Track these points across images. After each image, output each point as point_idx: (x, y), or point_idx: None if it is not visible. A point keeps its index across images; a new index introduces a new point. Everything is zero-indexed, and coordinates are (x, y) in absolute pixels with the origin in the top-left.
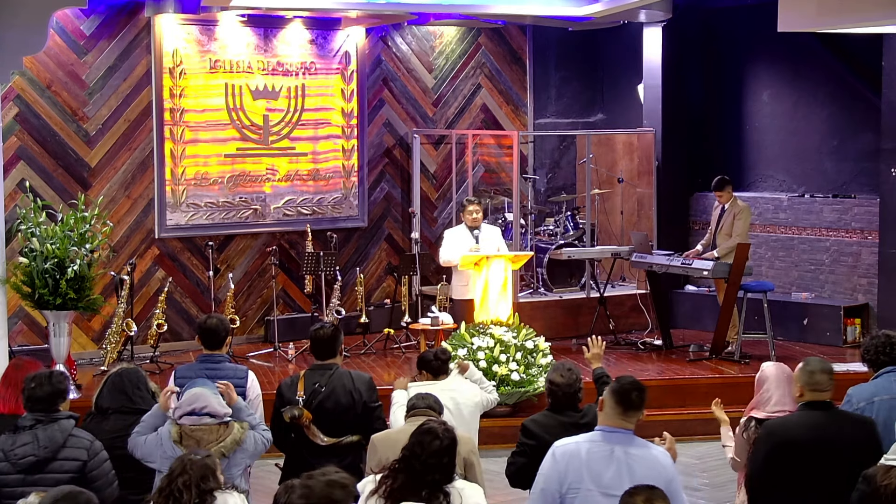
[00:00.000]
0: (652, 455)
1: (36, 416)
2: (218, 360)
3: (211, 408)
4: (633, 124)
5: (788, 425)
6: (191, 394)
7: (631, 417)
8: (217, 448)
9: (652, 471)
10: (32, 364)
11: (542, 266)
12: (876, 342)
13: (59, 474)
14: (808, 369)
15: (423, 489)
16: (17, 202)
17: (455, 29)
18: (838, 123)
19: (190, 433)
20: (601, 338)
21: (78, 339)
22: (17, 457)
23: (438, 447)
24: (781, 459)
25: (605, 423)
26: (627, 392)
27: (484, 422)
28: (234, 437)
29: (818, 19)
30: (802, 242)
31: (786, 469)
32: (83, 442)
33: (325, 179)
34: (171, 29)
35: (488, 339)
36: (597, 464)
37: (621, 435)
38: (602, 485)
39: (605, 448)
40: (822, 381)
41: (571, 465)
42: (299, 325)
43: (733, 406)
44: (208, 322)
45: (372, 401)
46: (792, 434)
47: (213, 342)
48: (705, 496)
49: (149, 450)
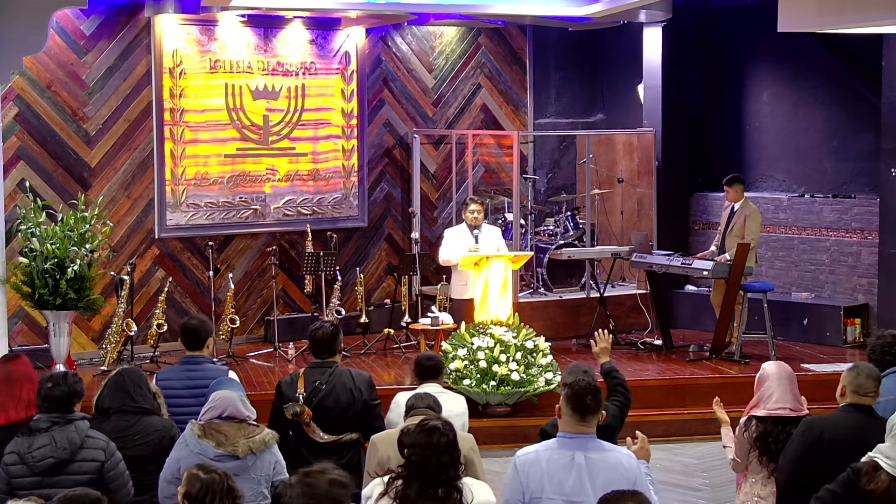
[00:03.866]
0: (614, 458)
1: (52, 417)
2: (199, 360)
3: (234, 409)
4: (633, 124)
5: (829, 422)
6: (215, 398)
7: (590, 422)
8: (246, 443)
9: (614, 473)
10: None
11: (542, 266)
12: (882, 342)
13: (78, 476)
14: (856, 371)
15: (438, 488)
16: (17, 202)
17: (455, 29)
18: (838, 123)
19: (216, 428)
20: (607, 331)
21: (78, 339)
22: (35, 459)
23: (446, 443)
24: (817, 454)
25: (565, 430)
26: (582, 397)
27: (484, 422)
28: (264, 438)
29: (818, 19)
30: (802, 242)
31: (819, 465)
32: (99, 443)
33: (325, 179)
34: (171, 29)
35: (488, 339)
36: (557, 472)
37: (581, 440)
38: (564, 493)
39: (566, 455)
40: (867, 386)
41: (532, 474)
42: (299, 325)
43: (733, 406)
44: (189, 323)
45: (372, 399)
46: (831, 432)
47: (193, 342)
48: (705, 496)
49: (178, 456)
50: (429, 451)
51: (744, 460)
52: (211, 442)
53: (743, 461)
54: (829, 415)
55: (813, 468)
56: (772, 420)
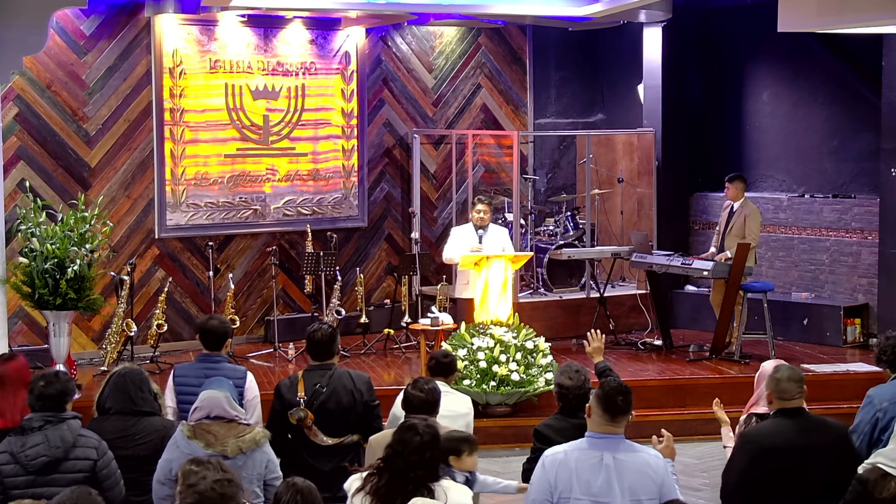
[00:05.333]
0: (642, 459)
1: (45, 416)
2: (217, 360)
3: (221, 410)
4: (633, 124)
5: (765, 432)
6: (202, 398)
7: (619, 422)
8: (235, 443)
9: (642, 475)
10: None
11: (542, 266)
12: (892, 343)
13: (72, 474)
14: (776, 378)
15: (407, 486)
16: (17, 202)
17: (455, 29)
18: (838, 123)
19: (206, 428)
20: (600, 331)
21: (78, 339)
22: (29, 458)
23: (419, 443)
24: (759, 465)
25: (594, 430)
26: (613, 397)
27: (484, 422)
28: (254, 438)
29: (818, 19)
30: (802, 242)
31: (762, 475)
32: (92, 441)
33: (325, 179)
34: (171, 29)
35: (488, 339)
36: (585, 472)
37: (609, 440)
38: (592, 493)
39: (594, 455)
40: (790, 390)
41: (561, 474)
42: (299, 326)
43: (733, 406)
44: (209, 323)
45: (371, 400)
46: (770, 440)
47: (213, 343)
48: (705, 496)
49: (170, 457)
50: (399, 448)
51: None
52: (200, 443)
53: None
54: (762, 424)
55: (757, 479)
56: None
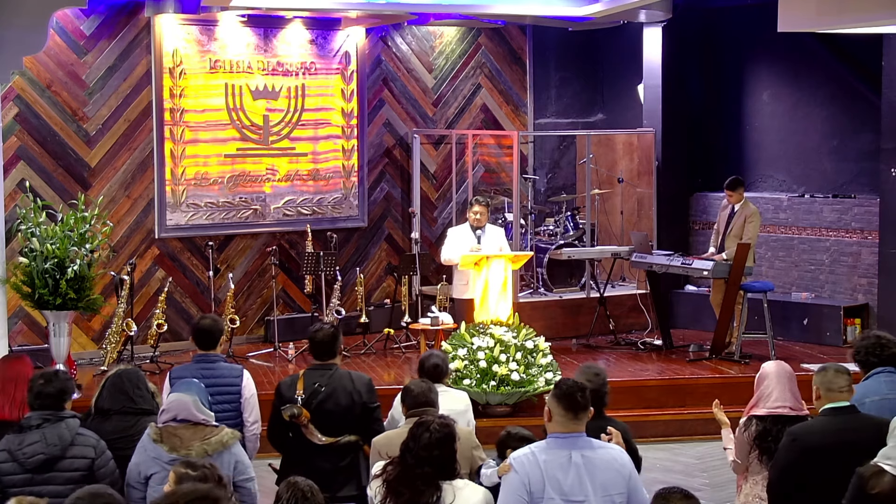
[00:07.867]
0: (609, 455)
1: (43, 414)
2: (213, 359)
3: (187, 413)
4: (633, 124)
5: (812, 429)
6: (169, 401)
7: (581, 419)
8: (201, 446)
9: (612, 471)
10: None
11: (542, 266)
12: (866, 343)
13: (69, 472)
14: (824, 371)
15: (415, 481)
16: (17, 202)
17: (455, 29)
18: (838, 123)
19: (173, 432)
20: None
21: (78, 339)
22: (26, 456)
23: (427, 441)
24: (804, 463)
25: (556, 431)
26: (573, 395)
27: (485, 422)
28: (221, 439)
29: (818, 19)
30: (802, 242)
31: (808, 472)
32: (90, 440)
33: (325, 179)
34: (171, 29)
35: (488, 339)
36: (555, 471)
37: (574, 439)
38: (563, 492)
39: (562, 455)
40: (838, 382)
41: (532, 475)
42: (299, 325)
43: (733, 406)
44: (202, 322)
45: (371, 402)
46: (817, 438)
47: (206, 342)
48: (705, 496)
49: (138, 460)
50: (411, 444)
51: (744, 461)
52: (165, 446)
53: (743, 462)
54: (810, 422)
55: (802, 477)
56: (771, 419)
